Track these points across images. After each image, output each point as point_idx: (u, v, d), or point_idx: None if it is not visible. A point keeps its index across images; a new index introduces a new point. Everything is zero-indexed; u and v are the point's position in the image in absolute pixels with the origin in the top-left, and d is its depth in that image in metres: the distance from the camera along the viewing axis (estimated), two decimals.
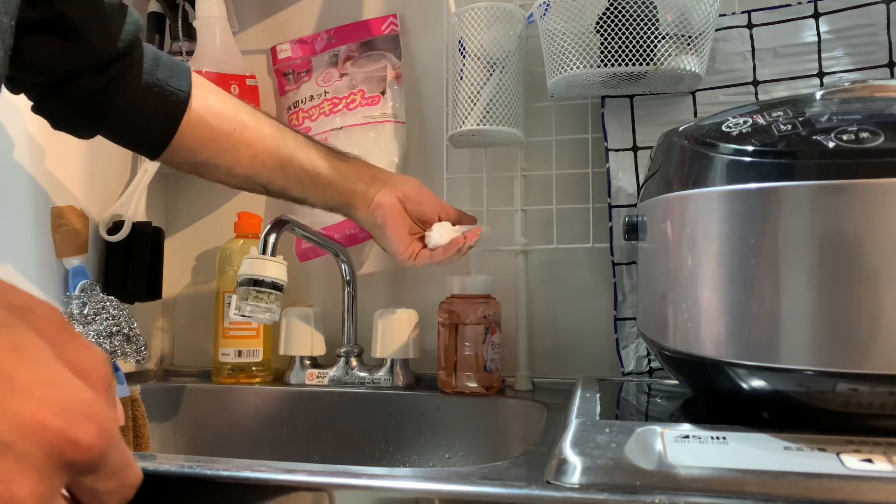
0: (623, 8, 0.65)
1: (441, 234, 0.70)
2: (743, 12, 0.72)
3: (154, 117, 0.59)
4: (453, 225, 0.73)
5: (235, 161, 0.64)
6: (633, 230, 0.56)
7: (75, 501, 0.26)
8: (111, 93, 0.57)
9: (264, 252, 0.69)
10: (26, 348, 0.24)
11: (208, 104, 0.62)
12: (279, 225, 0.71)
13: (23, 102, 0.58)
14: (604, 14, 0.66)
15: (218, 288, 0.89)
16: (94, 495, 0.26)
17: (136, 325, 0.75)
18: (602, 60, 0.67)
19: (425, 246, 0.72)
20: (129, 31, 0.56)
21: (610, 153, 0.75)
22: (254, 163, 0.64)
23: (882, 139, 0.39)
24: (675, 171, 0.49)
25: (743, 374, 0.43)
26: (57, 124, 0.59)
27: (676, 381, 0.62)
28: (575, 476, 0.38)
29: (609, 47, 0.66)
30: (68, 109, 0.57)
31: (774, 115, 0.45)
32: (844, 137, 0.40)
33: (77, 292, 0.75)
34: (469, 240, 0.71)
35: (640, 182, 0.73)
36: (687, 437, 0.41)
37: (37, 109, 0.58)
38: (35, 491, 0.23)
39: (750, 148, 0.43)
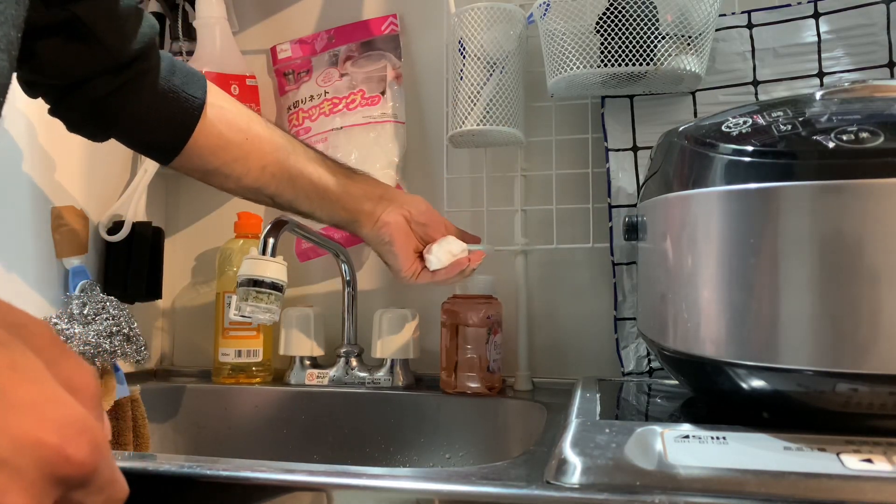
0: (623, 8, 0.65)
1: (439, 257, 0.70)
2: (743, 12, 0.72)
3: (168, 123, 0.60)
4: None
5: (245, 171, 0.64)
6: (633, 230, 0.56)
7: None
8: (126, 96, 0.57)
9: (264, 252, 0.69)
10: (24, 366, 0.25)
11: (222, 113, 0.62)
12: (279, 225, 0.71)
13: (24, 103, 0.59)
14: (604, 14, 0.66)
15: (218, 288, 0.89)
16: None
17: (136, 325, 0.75)
18: (602, 60, 0.67)
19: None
20: (145, 34, 0.57)
21: (610, 153, 0.75)
22: (263, 174, 0.64)
23: (882, 139, 0.39)
24: (675, 171, 0.49)
25: (743, 374, 0.43)
26: (72, 126, 0.59)
27: (676, 381, 0.62)
28: (575, 476, 0.38)
29: (609, 47, 0.66)
30: (83, 112, 0.57)
31: (774, 115, 0.45)
32: (844, 137, 0.40)
33: (77, 292, 0.75)
34: (472, 262, 0.71)
35: (640, 182, 0.73)
36: (687, 437, 0.41)
37: (53, 112, 0.58)
38: None
39: (750, 148, 0.43)
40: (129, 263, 0.84)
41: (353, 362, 0.84)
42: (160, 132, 0.60)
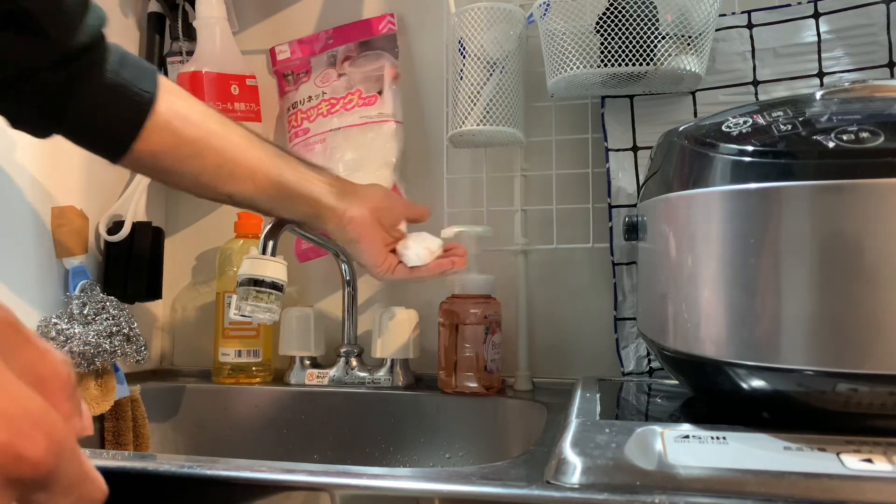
0: (623, 8, 0.65)
1: (418, 254, 0.69)
2: (743, 12, 0.72)
3: (117, 119, 0.57)
4: (411, 220, 0.72)
5: (201, 169, 0.61)
6: (633, 230, 0.56)
7: None
8: (72, 90, 0.55)
9: (264, 252, 0.69)
10: None
11: (175, 108, 0.59)
12: (279, 225, 0.71)
13: None
14: (604, 14, 0.66)
15: (218, 288, 0.89)
16: None
17: (136, 325, 0.75)
18: (602, 60, 0.67)
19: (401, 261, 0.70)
20: (92, 26, 0.54)
21: (610, 153, 0.75)
22: (220, 172, 0.61)
23: (882, 139, 0.39)
24: (675, 171, 0.49)
25: (743, 374, 0.43)
26: (14, 122, 0.56)
27: (676, 381, 0.62)
28: (575, 476, 0.38)
29: (609, 47, 0.66)
30: (27, 107, 0.55)
31: (774, 115, 0.45)
32: (844, 137, 0.40)
33: (77, 292, 0.75)
34: (457, 265, 0.71)
35: (640, 182, 0.73)
36: (687, 437, 0.41)
37: None
38: None
39: (750, 148, 0.43)
40: (129, 263, 0.84)
41: (353, 362, 0.84)
42: (109, 128, 0.57)
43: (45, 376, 0.25)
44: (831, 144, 0.40)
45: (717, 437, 0.41)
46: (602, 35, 0.66)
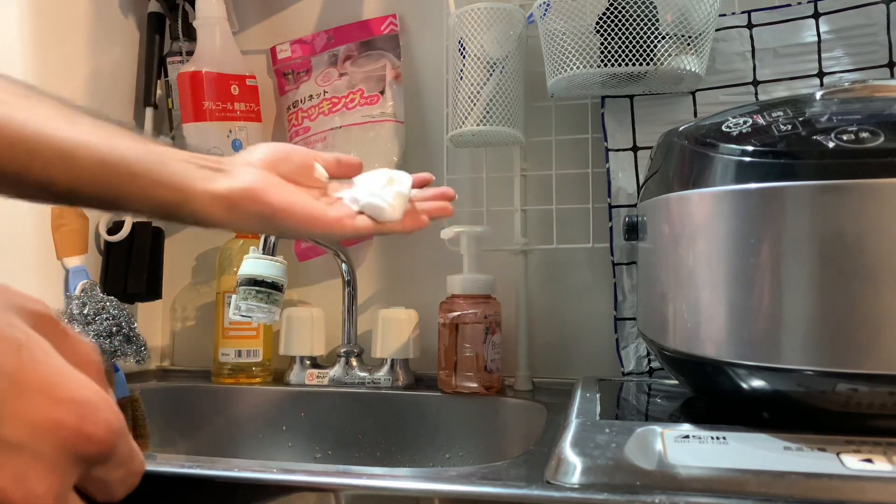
0: (623, 8, 0.65)
1: (393, 205, 0.51)
2: (743, 12, 0.72)
3: None
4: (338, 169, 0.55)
5: None
6: (633, 230, 0.56)
7: (82, 492, 0.26)
8: None
9: (264, 252, 0.69)
10: (31, 347, 0.25)
11: None
12: None
13: None
14: (604, 14, 0.66)
15: (218, 288, 0.89)
16: (104, 485, 0.27)
17: (136, 325, 0.75)
18: (602, 60, 0.67)
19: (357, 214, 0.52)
20: None
21: (610, 153, 0.75)
22: (16, 153, 0.41)
23: (882, 139, 0.39)
24: (675, 172, 0.49)
25: (743, 374, 0.43)
26: None
27: (676, 381, 0.62)
28: (575, 476, 0.38)
29: (609, 47, 0.66)
30: None
31: (774, 115, 0.45)
32: (844, 137, 0.40)
33: (77, 292, 0.75)
34: (445, 211, 0.55)
35: (640, 182, 0.73)
36: (687, 437, 0.41)
37: None
38: (51, 487, 0.24)
39: (750, 148, 0.43)
40: (129, 263, 0.84)
41: (353, 362, 0.84)
42: None
43: (82, 362, 0.27)
44: (831, 144, 0.40)
45: (717, 437, 0.41)
46: (602, 35, 0.66)
